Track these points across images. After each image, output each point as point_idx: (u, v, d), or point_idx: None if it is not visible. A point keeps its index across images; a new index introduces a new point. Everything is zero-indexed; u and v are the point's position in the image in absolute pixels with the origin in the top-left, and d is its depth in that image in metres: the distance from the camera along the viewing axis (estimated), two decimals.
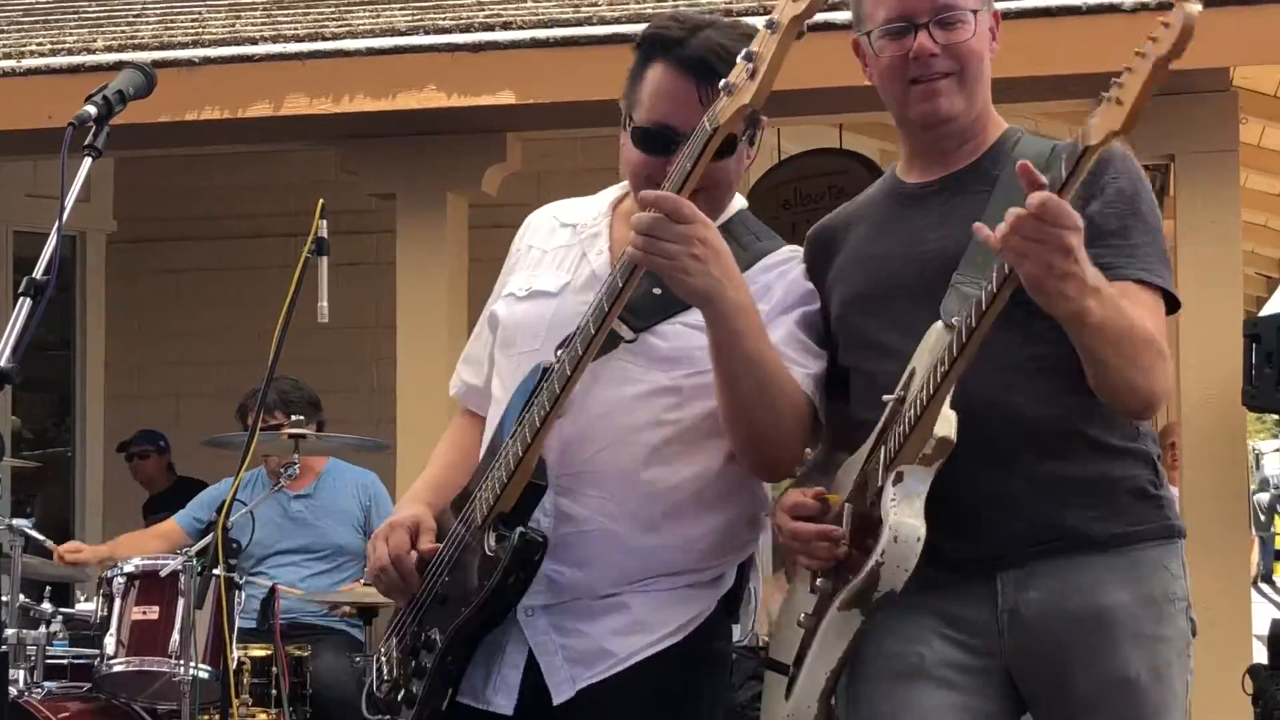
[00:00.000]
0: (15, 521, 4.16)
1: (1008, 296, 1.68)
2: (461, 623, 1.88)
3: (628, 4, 5.27)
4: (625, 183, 2.08)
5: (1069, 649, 1.83)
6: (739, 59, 1.71)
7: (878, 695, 1.89)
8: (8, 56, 4.97)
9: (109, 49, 4.91)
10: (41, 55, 4.98)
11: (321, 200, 3.31)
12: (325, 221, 3.28)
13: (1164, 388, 1.79)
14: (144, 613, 3.91)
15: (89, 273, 7.14)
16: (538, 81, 4.87)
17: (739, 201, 2.09)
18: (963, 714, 1.87)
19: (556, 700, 1.89)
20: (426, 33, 4.95)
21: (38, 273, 1.98)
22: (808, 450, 2.03)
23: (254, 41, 4.78)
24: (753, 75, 1.69)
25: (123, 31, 5.16)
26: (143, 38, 5.02)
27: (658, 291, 1.84)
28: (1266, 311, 8.16)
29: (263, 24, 5.02)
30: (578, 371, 1.82)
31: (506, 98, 4.84)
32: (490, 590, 1.84)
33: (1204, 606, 4.46)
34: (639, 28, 4.69)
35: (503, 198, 5.35)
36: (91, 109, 2.10)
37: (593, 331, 1.80)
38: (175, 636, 3.81)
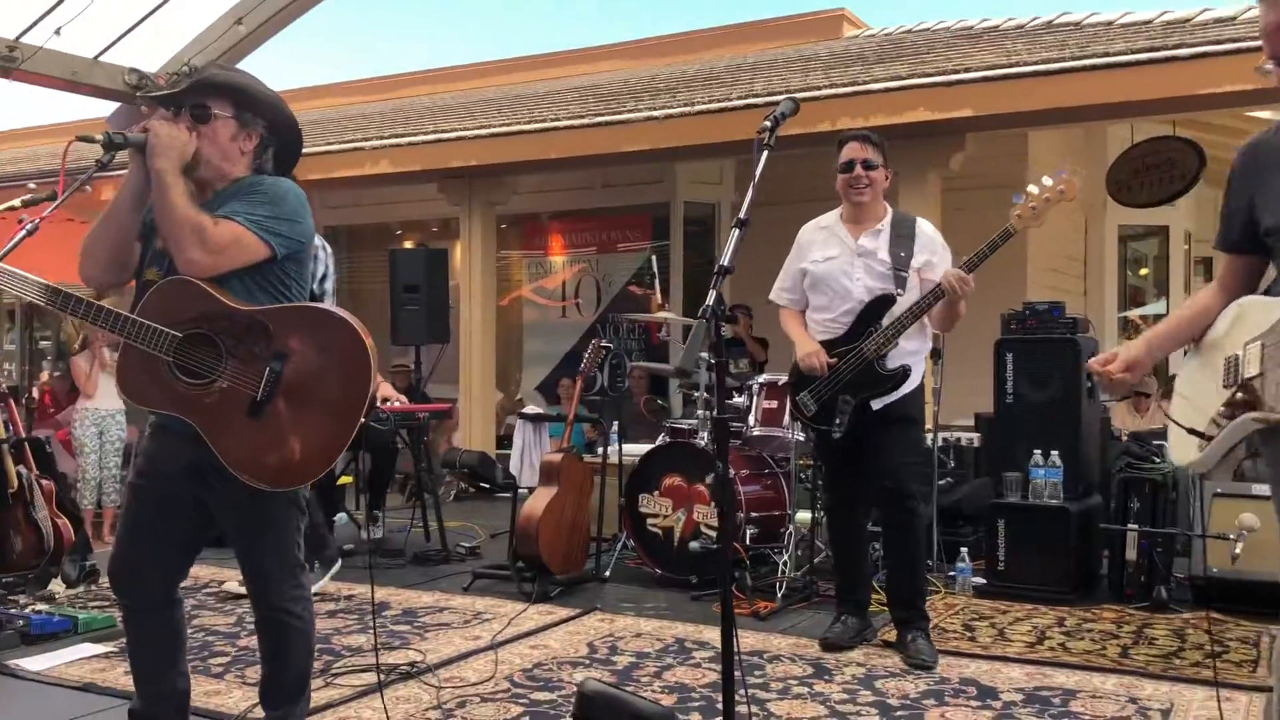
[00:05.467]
0: None
1: None
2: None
3: (1039, 51, 7.14)
4: None
5: None
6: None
7: None
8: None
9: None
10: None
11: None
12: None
13: None
14: (768, 405, 5.68)
15: (721, 227, 9.74)
16: (985, 103, 6.81)
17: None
18: None
19: None
20: (920, 76, 7.03)
21: (742, 213, 2.61)
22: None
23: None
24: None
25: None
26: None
27: None
28: None
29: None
30: None
31: (966, 112, 6.82)
32: None
33: None
34: (1042, 65, 6.53)
35: (963, 172, 7.46)
36: (768, 122, 2.82)
37: None
38: (786, 418, 5.47)
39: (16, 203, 3.90)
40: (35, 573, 5.42)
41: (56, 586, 5.38)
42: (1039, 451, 5.30)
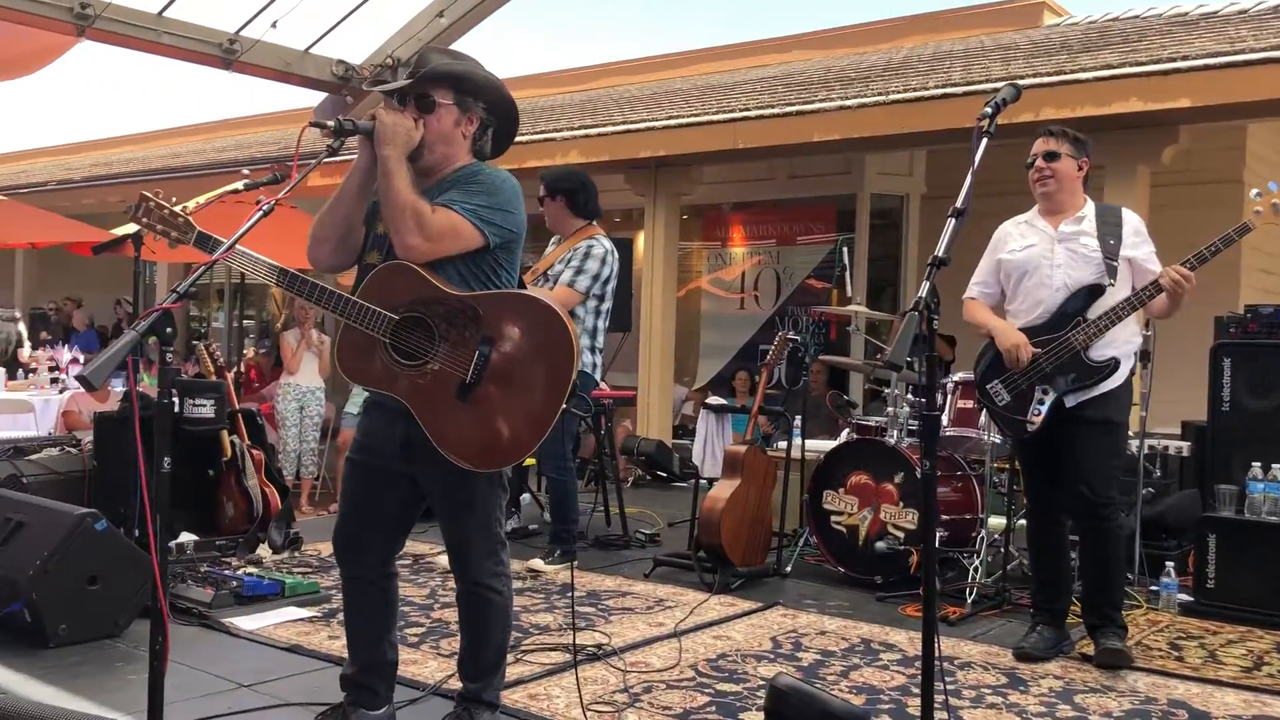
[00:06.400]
0: None
1: None
2: None
3: (1266, 37, 6.67)
4: None
5: None
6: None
7: None
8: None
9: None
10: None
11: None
12: None
13: None
14: (962, 404, 5.54)
15: (910, 220, 9.52)
16: (1205, 93, 6.38)
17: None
18: None
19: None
20: (1133, 64, 6.66)
21: (959, 202, 2.57)
22: None
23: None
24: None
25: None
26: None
27: None
28: None
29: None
30: None
31: (1184, 103, 6.43)
32: None
33: None
34: (1274, 52, 6.10)
35: (1173, 167, 7.05)
36: (989, 109, 2.82)
37: None
38: (982, 419, 5.31)
39: (239, 185, 4.10)
40: (245, 537, 5.72)
41: (263, 551, 5.67)
42: (1258, 464, 4.97)
